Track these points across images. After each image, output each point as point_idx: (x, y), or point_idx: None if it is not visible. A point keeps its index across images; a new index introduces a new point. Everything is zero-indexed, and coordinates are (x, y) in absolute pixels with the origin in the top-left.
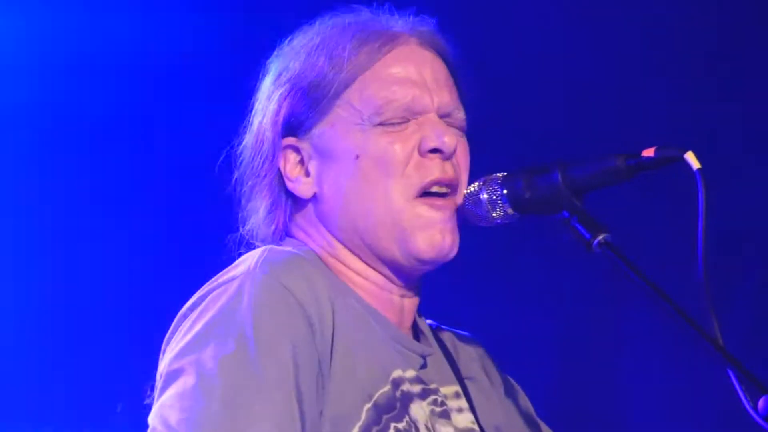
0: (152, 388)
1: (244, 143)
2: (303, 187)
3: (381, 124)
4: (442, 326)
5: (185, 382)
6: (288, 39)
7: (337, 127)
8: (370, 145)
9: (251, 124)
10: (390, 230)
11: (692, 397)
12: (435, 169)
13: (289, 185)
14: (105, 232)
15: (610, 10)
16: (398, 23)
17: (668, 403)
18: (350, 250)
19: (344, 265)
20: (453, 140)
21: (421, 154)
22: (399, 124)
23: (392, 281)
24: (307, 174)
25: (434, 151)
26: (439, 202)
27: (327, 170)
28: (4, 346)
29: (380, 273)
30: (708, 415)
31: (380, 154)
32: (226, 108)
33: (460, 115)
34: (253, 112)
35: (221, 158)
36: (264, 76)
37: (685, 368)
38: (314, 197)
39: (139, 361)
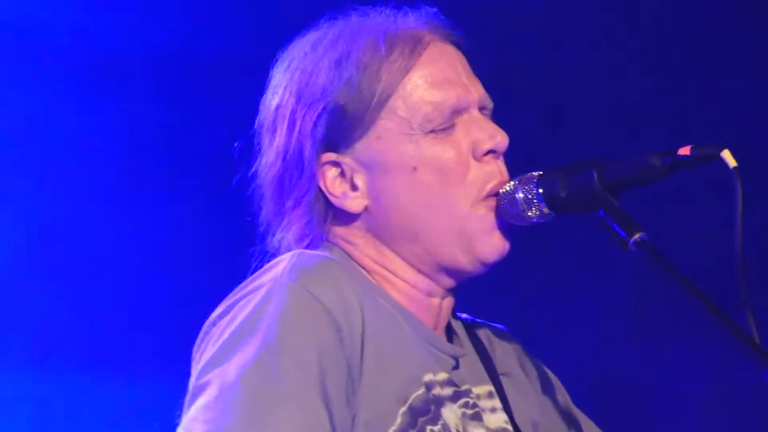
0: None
1: (266, 163)
2: (352, 202)
3: (432, 131)
4: (477, 320)
5: (210, 393)
6: (295, 47)
7: (384, 139)
8: (426, 156)
9: (273, 144)
10: (455, 238)
11: (728, 396)
12: (495, 173)
13: (335, 201)
14: (127, 249)
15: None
16: (412, 21)
17: (703, 402)
18: (404, 260)
19: (391, 272)
20: (505, 138)
21: (476, 158)
22: (447, 128)
23: (440, 285)
24: (354, 188)
25: (489, 152)
26: (492, 202)
27: (381, 183)
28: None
29: (431, 278)
30: (743, 415)
31: (440, 164)
32: (239, 116)
33: (491, 104)
34: (270, 128)
35: (238, 176)
36: (273, 87)
37: (721, 368)
38: (365, 210)
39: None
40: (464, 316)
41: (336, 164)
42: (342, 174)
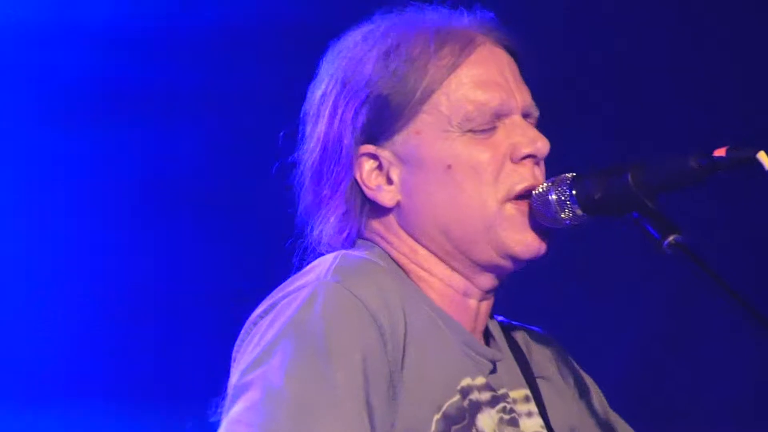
0: (217, 405)
1: (308, 150)
2: (385, 195)
3: (471, 131)
4: (514, 323)
5: (253, 395)
6: (346, 38)
7: (423, 134)
8: (462, 155)
9: (315, 130)
10: (485, 235)
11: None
12: (527, 176)
13: (369, 193)
14: (159, 239)
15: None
16: (465, 21)
17: (744, 403)
18: (437, 256)
19: (426, 271)
20: (546, 145)
21: (514, 161)
22: (488, 130)
23: (476, 285)
24: (389, 182)
25: (527, 156)
26: (524, 205)
27: (414, 178)
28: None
29: (465, 277)
30: None
31: (474, 164)
32: (281, 110)
33: (536, 113)
34: (314, 116)
35: (277, 165)
36: (322, 77)
37: (760, 370)
38: (398, 205)
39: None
40: (500, 318)
41: (374, 157)
42: (380, 167)
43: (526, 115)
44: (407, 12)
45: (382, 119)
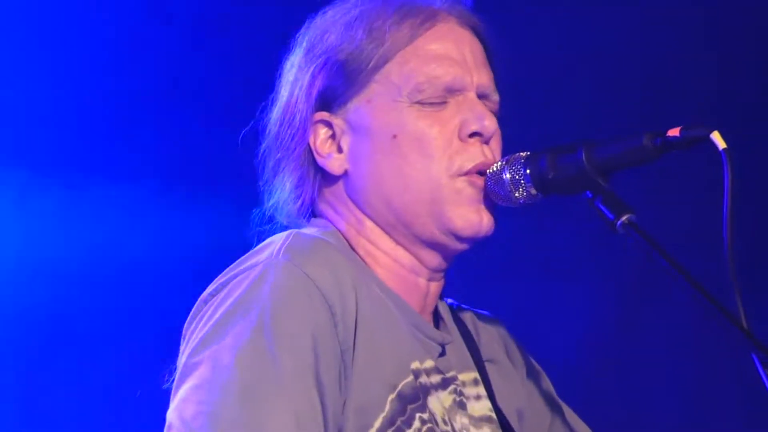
0: (170, 373)
1: (271, 116)
2: (334, 163)
3: (420, 102)
4: (463, 306)
5: (202, 374)
6: (320, 12)
7: (374, 102)
8: (408, 126)
9: (279, 97)
10: (428, 207)
11: (717, 379)
12: (476, 154)
13: (320, 161)
14: (125, 209)
15: None
16: (437, 1)
17: (693, 385)
18: (382, 229)
19: (373, 245)
20: (493, 123)
21: (461, 138)
22: (438, 104)
23: (423, 262)
24: (339, 150)
25: (474, 134)
26: (479, 180)
27: (361, 147)
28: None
29: (411, 253)
30: (732, 399)
31: (419, 136)
32: (253, 79)
33: (495, 97)
34: (282, 84)
35: (245, 130)
36: (294, 47)
37: (710, 351)
38: (346, 174)
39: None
40: (450, 300)
41: (329, 125)
42: (333, 136)
43: (482, 96)
44: None
45: (336, 86)
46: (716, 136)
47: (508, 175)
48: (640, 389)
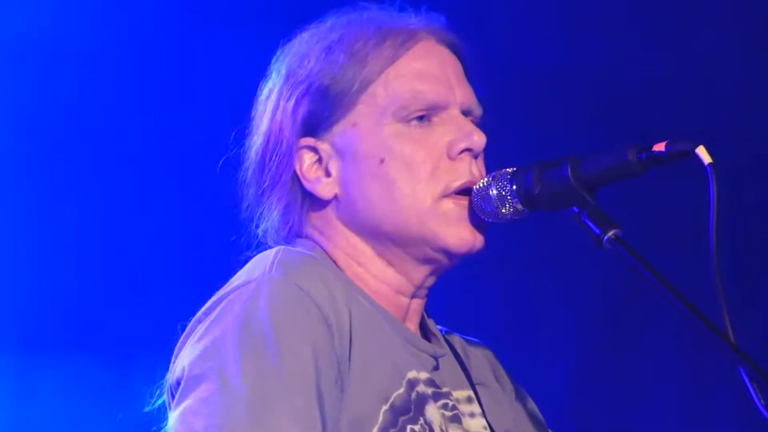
0: (153, 395)
1: (252, 143)
2: (323, 188)
3: (405, 120)
4: (453, 332)
5: (208, 387)
6: (296, 38)
7: (359, 126)
8: (395, 149)
9: (260, 124)
10: (419, 229)
11: (705, 395)
12: (464, 172)
13: (308, 186)
14: (110, 233)
15: None
16: (413, 20)
17: (680, 402)
18: (374, 251)
19: (362, 267)
20: (482, 139)
21: (451, 156)
22: (423, 124)
23: (411, 280)
24: (328, 174)
25: (464, 150)
26: (464, 200)
27: (350, 171)
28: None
29: (401, 272)
30: (720, 413)
31: (407, 159)
32: (228, 107)
33: (478, 111)
34: (260, 111)
35: (223, 159)
36: (270, 73)
37: (698, 366)
38: (335, 198)
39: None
40: (439, 327)
41: (314, 150)
42: (319, 160)
43: (466, 113)
44: (361, 12)
45: (320, 111)
46: (702, 151)
47: (494, 191)
48: (626, 405)
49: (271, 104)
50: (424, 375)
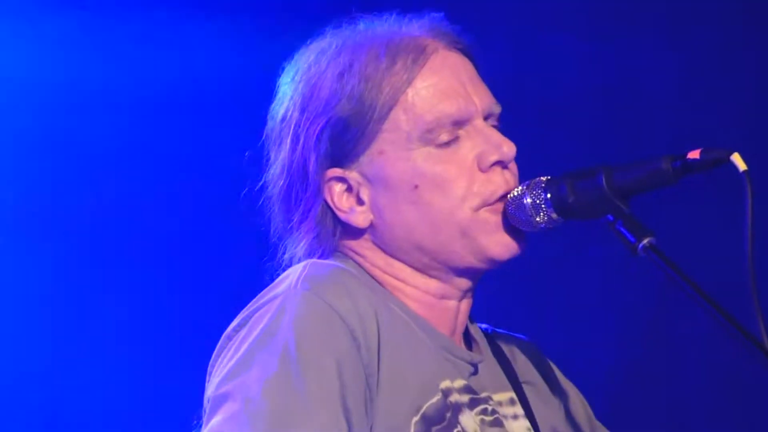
0: (199, 417)
1: (273, 176)
2: (359, 217)
3: (434, 143)
4: (498, 330)
5: (232, 407)
6: (301, 57)
7: (386, 153)
8: (427, 174)
9: (279, 157)
10: (462, 242)
11: (740, 404)
12: (500, 183)
13: (343, 216)
14: (141, 271)
15: None
16: (416, 28)
17: (715, 410)
18: (414, 269)
19: (401, 281)
20: (512, 149)
21: (482, 169)
22: (451, 141)
23: (453, 286)
24: (360, 202)
25: (495, 163)
26: (499, 206)
27: (384, 198)
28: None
29: (443, 282)
30: (756, 421)
31: (439, 182)
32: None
33: (497, 109)
34: (277, 140)
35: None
36: (281, 99)
37: (733, 375)
38: (371, 225)
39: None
40: (484, 326)
41: (342, 180)
42: (349, 189)
43: (487, 116)
44: (358, 26)
45: (344, 143)
46: (736, 158)
47: (528, 200)
48: (667, 409)
49: (289, 137)
50: (459, 383)
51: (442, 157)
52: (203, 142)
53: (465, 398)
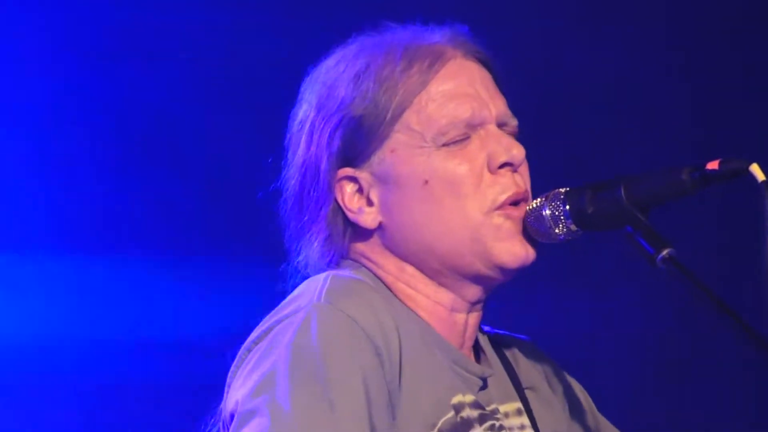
0: (208, 424)
1: (289, 177)
2: (367, 218)
3: (445, 144)
4: (500, 332)
5: (261, 422)
6: (323, 64)
7: (398, 152)
8: (437, 170)
9: (294, 157)
10: (471, 247)
11: (763, 415)
12: (509, 184)
13: (351, 216)
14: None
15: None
16: (437, 36)
17: (736, 416)
18: (425, 274)
19: (413, 289)
20: (521, 152)
21: (491, 170)
22: (462, 141)
23: (465, 297)
24: (370, 203)
25: (504, 165)
26: (515, 212)
27: (393, 198)
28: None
29: (453, 291)
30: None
31: (450, 177)
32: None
33: (514, 122)
34: (295, 143)
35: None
36: (300, 103)
37: (754, 386)
38: (380, 226)
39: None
40: (486, 328)
41: (354, 180)
42: (360, 190)
43: (502, 125)
44: (379, 33)
45: (356, 142)
46: (755, 169)
47: (547, 212)
48: (683, 416)
49: (304, 137)
50: (469, 398)
51: (454, 154)
52: (228, 144)
53: (475, 413)
